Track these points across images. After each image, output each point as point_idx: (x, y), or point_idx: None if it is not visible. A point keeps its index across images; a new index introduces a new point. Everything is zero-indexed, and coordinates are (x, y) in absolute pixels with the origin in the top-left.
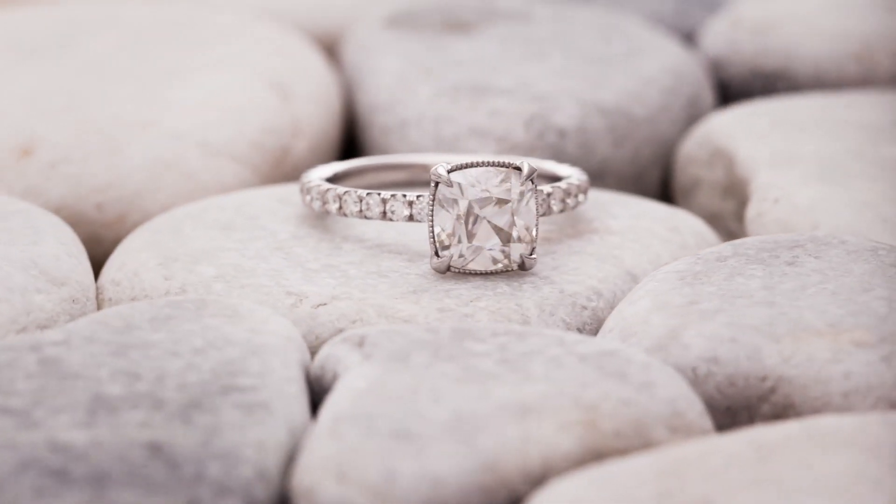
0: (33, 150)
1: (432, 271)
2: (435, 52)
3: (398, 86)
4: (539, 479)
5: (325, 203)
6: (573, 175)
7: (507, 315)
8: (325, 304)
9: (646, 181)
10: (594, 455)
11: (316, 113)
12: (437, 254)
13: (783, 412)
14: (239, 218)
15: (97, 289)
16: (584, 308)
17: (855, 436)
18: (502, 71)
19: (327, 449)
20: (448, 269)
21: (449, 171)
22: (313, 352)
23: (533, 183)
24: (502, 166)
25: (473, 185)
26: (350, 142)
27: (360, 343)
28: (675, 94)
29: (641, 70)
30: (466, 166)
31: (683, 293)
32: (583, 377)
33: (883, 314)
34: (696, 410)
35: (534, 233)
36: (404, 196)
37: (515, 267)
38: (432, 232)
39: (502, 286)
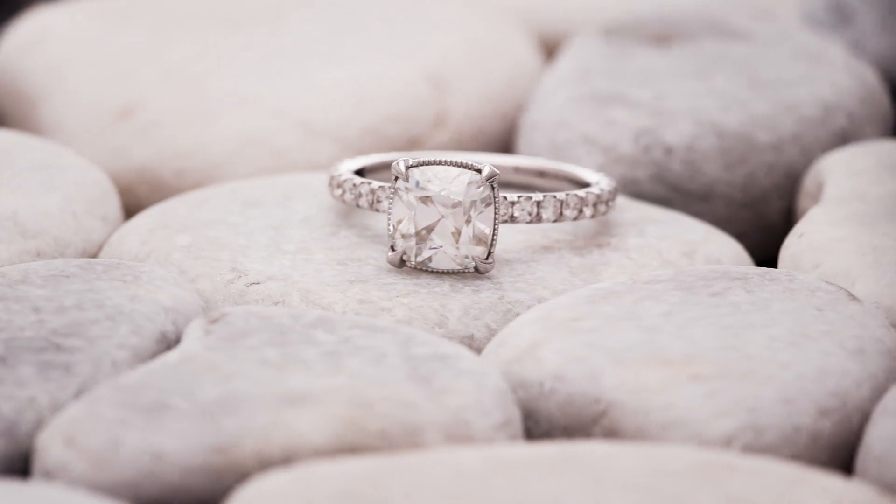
0: (133, 112)
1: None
2: (613, 62)
3: (548, 89)
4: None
5: (342, 193)
6: (601, 183)
7: (424, 313)
8: (257, 284)
9: (764, 209)
10: (350, 451)
11: (473, 108)
12: (393, 248)
13: (610, 437)
14: (272, 196)
15: (105, 247)
16: (518, 315)
17: (594, 462)
18: (654, 85)
19: (71, 413)
20: (402, 263)
21: (410, 167)
22: None
23: (493, 187)
24: (465, 167)
25: (429, 182)
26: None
27: (215, 320)
28: (818, 124)
29: (792, 97)
30: (429, 163)
31: (575, 310)
32: (385, 376)
33: (750, 352)
34: (490, 422)
35: (490, 237)
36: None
37: (472, 269)
38: (389, 226)
39: (445, 286)
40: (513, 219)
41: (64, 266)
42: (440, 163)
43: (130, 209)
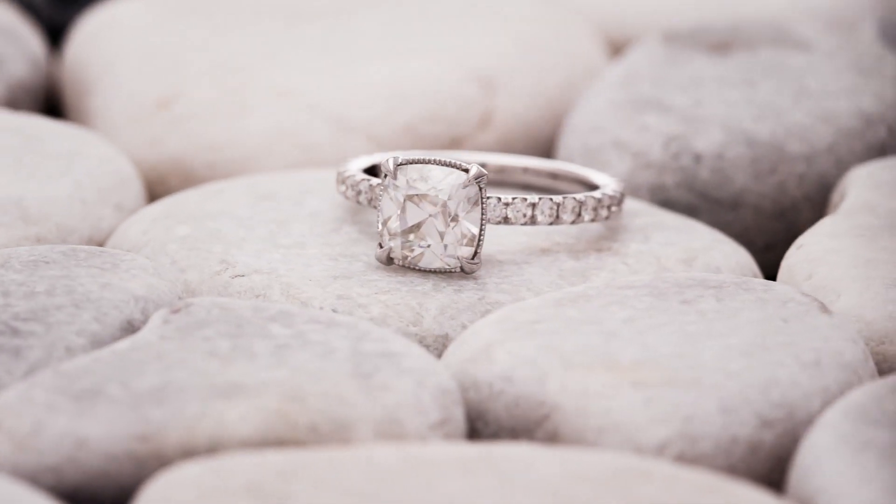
0: (171, 102)
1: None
2: (663, 68)
3: (592, 93)
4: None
5: (346, 190)
6: (606, 187)
7: (400, 311)
8: (241, 276)
9: (794, 220)
10: (278, 443)
11: (522, 109)
12: (381, 245)
13: (551, 441)
14: (288, 191)
15: (112, 235)
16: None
17: (512, 465)
18: (695, 92)
19: (5, 396)
20: (390, 261)
21: (399, 165)
22: None
23: (480, 187)
24: (453, 166)
25: (418, 181)
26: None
27: (178, 310)
28: (855, 136)
29: (831, 108)
30: (418, 162)
31: (539, 313)
32: (327, 371)
33: (701, 361)
34: (425, 421)
35: (477, 237)
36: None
37: (459, 269)
38: (378, 223)
39: (428, 284)
40: (506, 220)
41: (47, 252)
42: (429, 162)
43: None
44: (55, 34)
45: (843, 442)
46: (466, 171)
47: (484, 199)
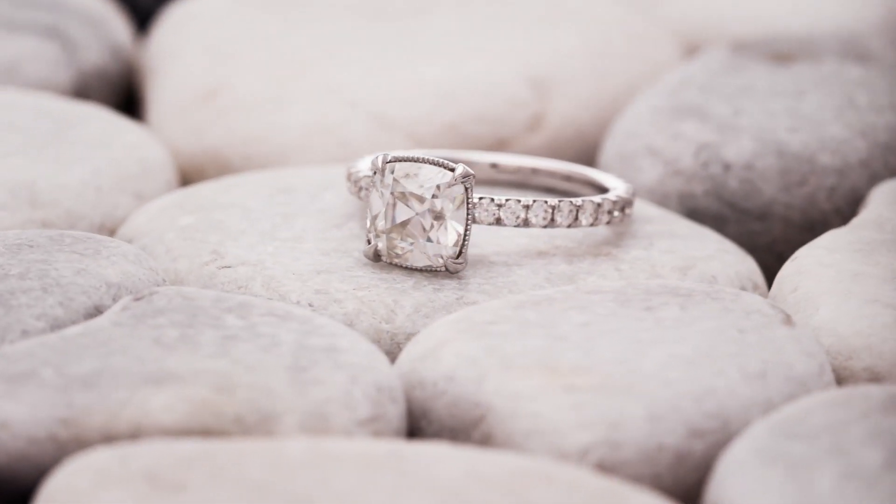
0: (216, 95)
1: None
2: (717, 76)
3: (640, 100)
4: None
5: (350, 185)
6: (612, 192)
7: (374, 308)
8: (228, 267)
9: (825, 231)
10: (203, 433)
11: (576, 112)
12: (369, 242)
13: (485, 442)
14: (308, 185)
15: (124, 223)
16: None
17: (416, 464)
18: (739, 101)
19: None
20: (378, 257)
21: (388, 162)
22: None
23: (466, 187)
24: (441, 166)
25: (406, 179)
26: None
27: (140, 298)
28: (890, 151)
29: (872, 122)
30: (408, 160)
31: (496, 314)
32: (264, 364)
33: (643, 367)
34: (353, 417)
35: (462, 237)
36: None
37: (444, 268)
38: (367, 220)
39: (410, 282)
40: (499, 221)
41: (35, 236)
42: (418, 160)
43: None
44: (147, 22)
45: (757, 454)
46: (453, 170)
47: (470, 199)
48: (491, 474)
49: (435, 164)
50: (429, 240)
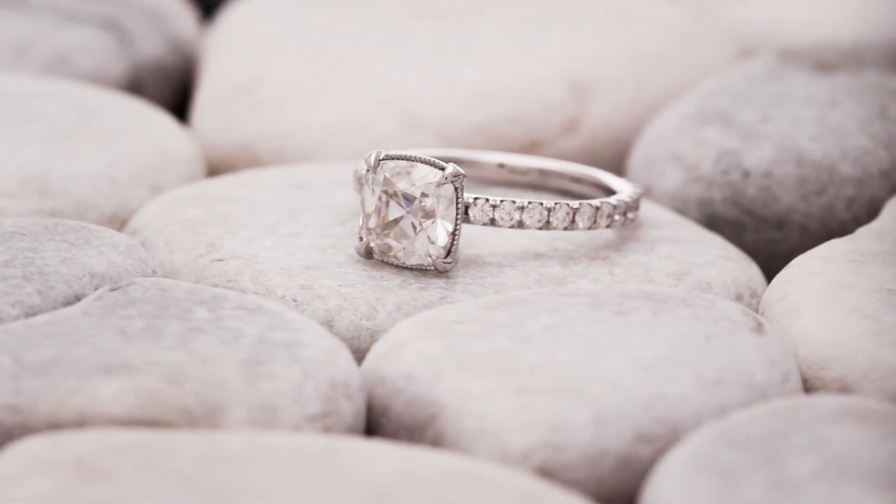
0: (252, 89)
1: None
2: (754, 83)
3: (674, 105)
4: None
5: (355, 182)
6: (623, 193)
7: (356, 305)
8: (220, 261)
9: None
10: (150, 423)
11: (615, 116)
12: (361, 239)
13: (437, 442)
14: (323, 182)
15: (136, 214)
16: None
17: (347, 460)
18: (769, 109)
19: None
20: (370, 254)
21: (380, 160)
22: None
23: (456, 187)
24: (431, 164)
25: (397, 177)
26: None
27: (116, 288)
28: None
29: (894, 134)
30: (399, 158)
31: (465, 314)
32: (220, 356)
33: (598, 371)
34: (301, 412)
35: (450, 236)
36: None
37: (433, 267)
38: (360, 217)
39: (397, 280)
40: (493, 222)
41: (30, 224)
42: (411, 158)
43: None
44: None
45: (691, 461)
46: (443, 169)
47: (459, 199)
48: (421, 474)
49: (426, 163)
50: (419, 238)
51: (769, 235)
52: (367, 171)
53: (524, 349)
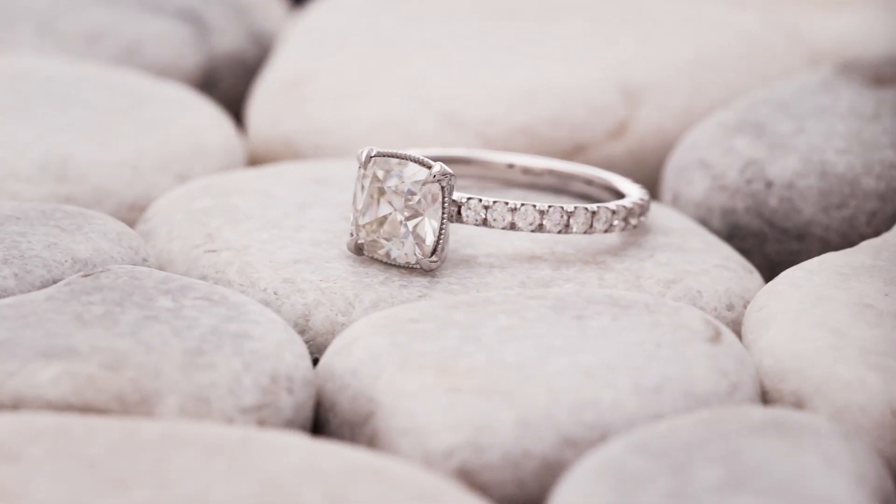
0: (301, 84)
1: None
2: (802, 94)
3: (716, 114)
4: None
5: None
6: (628, 198)
7: (333, 300)
8: (213, 252)
9: None
10: (84, 409)
11: (665, 122)
12: (352, 234)
13: (373, 439)
14: (343, 177)
15: (153, 203)
16: None
17: (225, 449)
18: (807, 121)
19: None
20: (360, 251)
21: (371, 157)
22: None
23: (443, 186)
24: (420, 163)
25: (387, 174)
26: None
27: (89, 274)
28: None
29: None
30: (390, 155)
31: (423, 313)
32: (165, 345)
33: (538, 373)
34: (234, 403)
35: (436, 235)
36: None
37: (419, 265)
38: (351, 213)
39: (381, 276)
40: (485, 223)
41: (29, 209)
42: (400, 156)
43: None
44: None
45: (599, 467)
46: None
47: (446, 199)
48: (325, 468)
49: (416, 162)
50: (406, 237)
51: (790, 247)
52: (359, 167)
53: (470, 350)
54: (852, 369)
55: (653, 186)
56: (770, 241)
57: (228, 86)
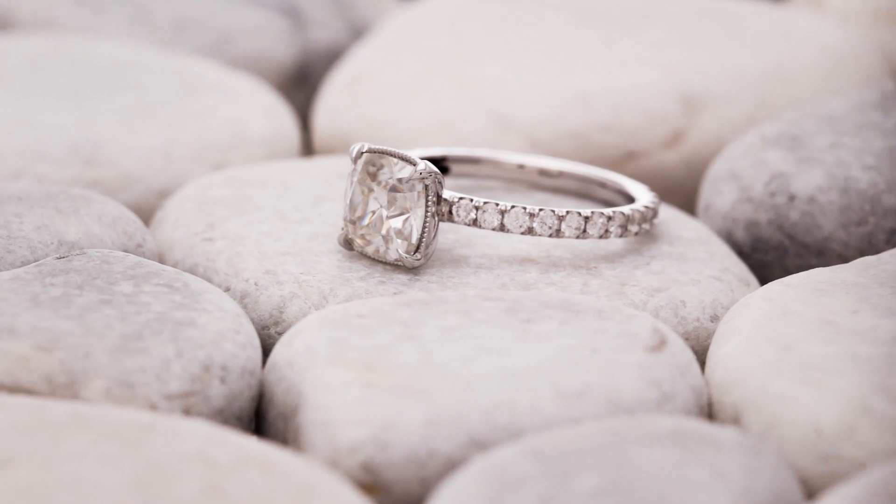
0: (362, 80)
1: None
2: (851, 110)
3: (763, 125)
4: None
5: None
6: (638, 203)
7: (308, 293)
8: (209, 240)
9: None
10: (13, 389)
11: (723, 132)
12: (343, 229)
13: (297, 432)
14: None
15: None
16: None
17: (117, 432)
18: (847, 136)
19: None
20: (349, 246)
21: (362, 153)
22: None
23: (427, 185)
24: (407, 161)
25: (377, 171)
26: None
27: (63, 257)
28: None
29: None
30: (380, 152)
31: (373, 309)
32: (107, 328)
33: (463, 373)
34: (160, 390)
35: (419, 233)
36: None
37: (403, 262)
38: (343, 208)
39: (362, 272)
40: (475, 223)
41: (34, 189)
42: (390, 153)
43: None
44: None
45: (483, 469)
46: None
47: (430, 196)
48: (216, 458)
49: (404, 160)
50: (390, 234)
51: (810, 262)
52: (351, 163)
53: (405, 347)
54: (787, 385)
55: None
56: (790, 255)
57: (321, 79)
